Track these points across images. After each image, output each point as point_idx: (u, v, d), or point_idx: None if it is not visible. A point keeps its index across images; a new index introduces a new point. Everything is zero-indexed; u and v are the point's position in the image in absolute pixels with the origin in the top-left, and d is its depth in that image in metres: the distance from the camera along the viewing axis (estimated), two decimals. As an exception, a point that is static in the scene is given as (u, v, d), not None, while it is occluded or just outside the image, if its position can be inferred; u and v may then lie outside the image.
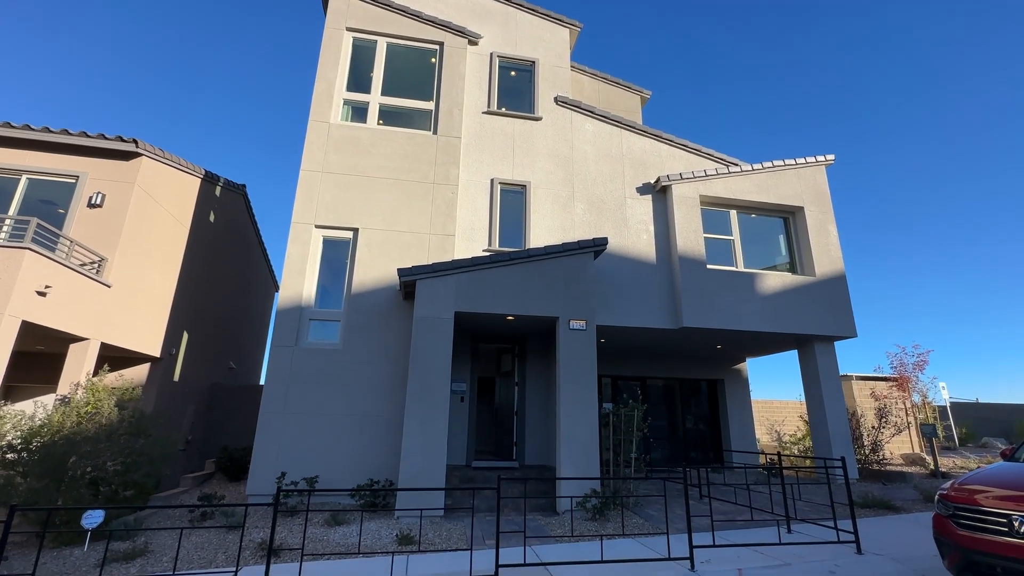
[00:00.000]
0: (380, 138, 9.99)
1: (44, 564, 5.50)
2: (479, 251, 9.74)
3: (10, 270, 6.66)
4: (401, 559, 5.22)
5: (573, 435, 7.86)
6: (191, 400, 11.56)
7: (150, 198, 9.52)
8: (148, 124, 73.89)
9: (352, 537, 6.34)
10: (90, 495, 6.56)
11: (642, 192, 10.95)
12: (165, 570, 5.28)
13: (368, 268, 9.11)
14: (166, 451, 7.52)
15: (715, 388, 13.25)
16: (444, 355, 7.91)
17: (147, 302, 9.69)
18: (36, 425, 6.60)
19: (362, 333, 8.79)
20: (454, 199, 9.86)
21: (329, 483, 7.85)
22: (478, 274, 8.37)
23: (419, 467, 7.36)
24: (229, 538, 6.24)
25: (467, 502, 7.83)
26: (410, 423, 7.54)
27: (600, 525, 6.82)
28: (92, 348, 8.22)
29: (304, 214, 9.17)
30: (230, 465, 10.05)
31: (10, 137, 8.70)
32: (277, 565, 5.01)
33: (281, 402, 8.20)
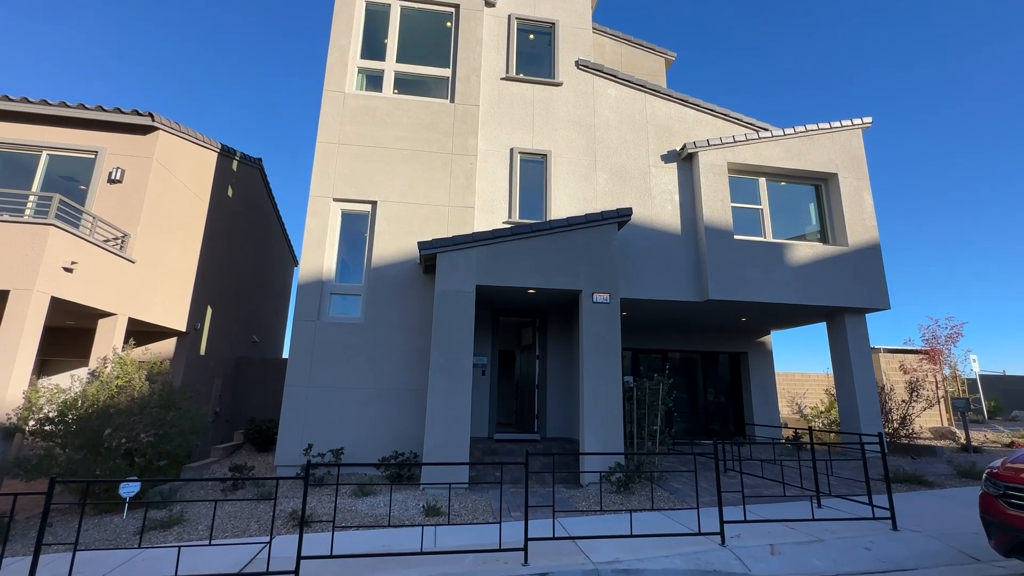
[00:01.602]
0: (396, 107, 9.71)
1: (87, 531, 5.70)
2: (499, 223, 9.54)
3: (36, 247, 6.70)
4: (429, 530, 5.25)
5: (596, 409, 7.79)
6: (217, 373, 11.79)
7: (169, 173, 9.47)
8: (169, 97, 73.91)
9: (379, 508, 6.43)
10: (126, 466, 6.75)
11: (667, 160, 10.54)
12: (201, 538, 5.41)
13: (388, 241, 9.00)
14: (196, 423, 7.67)
15: (738, 361, 13.05)
16: (466, 329, 7.83)
17: (170, 277, 9.76)
18: (71, 398, 6.76)
19: (383, 307, 8.75)
20: (473, 170, 9.61)
21: (354, 455, 7.96)
22: (499, 247, 8.20)
23: (443, 439, 7.39)
24: (260, 507, 6.38)
25: (490, 474, 7.89)
26: (433, 396, 7.54)
27: (625, 498, 6.80)
28: (120, 323, 8.34)
29: (322, 187, 9.03)
30: (258, 436, 10.27)
31: (29, 112, 8.66)
32: (308, 535, 5.08)
33: (305, 376, 8.26)
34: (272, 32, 74.26)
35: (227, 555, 4.66)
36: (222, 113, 74.74)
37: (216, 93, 77.50)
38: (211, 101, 75.82)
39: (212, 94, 76.77)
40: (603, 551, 4.80)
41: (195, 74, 74.00)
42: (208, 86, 76.68)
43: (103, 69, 67.96)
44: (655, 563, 4.57)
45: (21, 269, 6.60)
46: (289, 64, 76.07)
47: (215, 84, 76.92)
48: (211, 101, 75.82)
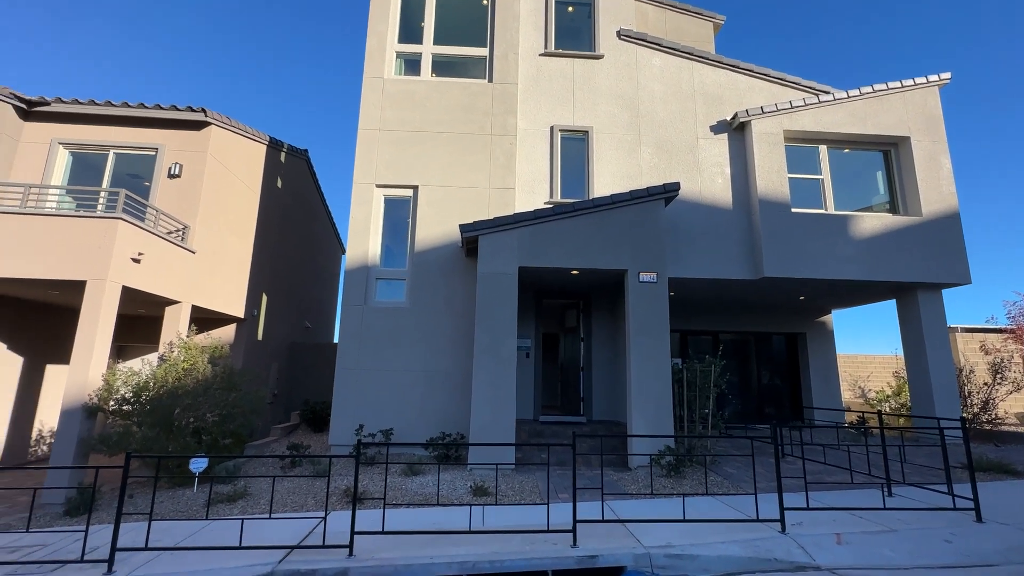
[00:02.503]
0: (434, 90, 9.65)
1: (162, 503, 6.13)
2: (540, 203, 9.37)
3: (107, 239, 7.16)
4: (477, 510, 5.29)
5: (644, 391, 7.59)
6: (274, 357, 12.36)
7: (222, 166, 9.87)
8: (217, 94, 77.49)
9: (428, 487, 6.55)
10: (194, 443, 7.20)
11: (716, 131, 9.98)
12: (263, 512, 5.69)
13: (430, 225, 9.04)
14: (255, 404, 8.07)
15: (795, 342, 12.37)
16: (509, 311, 7.78)
17: (228, 266, 10.24)
18: (143, 380, 7.24)
19: (427, 291, 8.83)
20: (513, 150, 9.45)
21: (403, 435, 8.14)
22: (541, 227, 8.05)
23: (488, 421, 7.43)
24: (317, 484, 6.64)
25: (536, 456, 7.87)
26: (478, 378, 7.57)
27: (676, 482, 6.61)
28: (184, 310, 8.84)
29: (365, 174, 9.15)
30: (313, 417, 10.73)
31: (97, 114, 9.20)
32: (361, 511, 5.23)
33: (354, 359, 8.49)
34: (314, 24, 75.95)
35: (287, 528, 4.87)
36: (267, 107, 77.55)
37: (260, 87, 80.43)
38: (256, 95, 78.77)
39: (256, 88, 79.69)
40: (654, 535, 4.67)
41: (240, 69, 76.99)
42: (253, 81, 79.63)
43: (153, 68, 71.80)
44: (710, 549, 4.40)
45: (95, 260, 7.07)
46: (333, 57, 77.73)
47: (260, 79, 79.76)
48: (256, 95, 78.77)
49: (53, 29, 59.91)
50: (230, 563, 4.19)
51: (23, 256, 6.98)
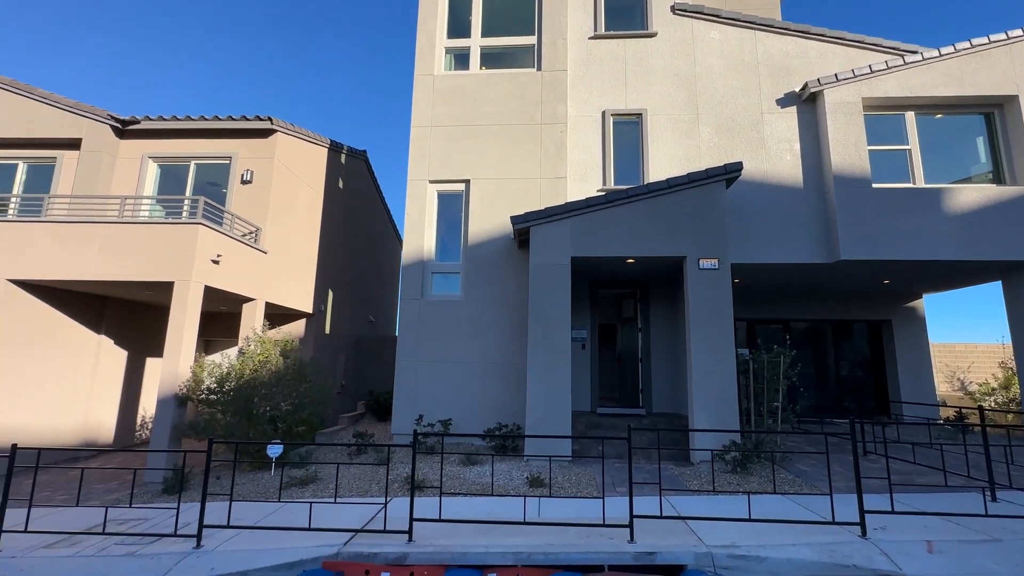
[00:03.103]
0: (483, 83, 9.66)
1: (244, 485, 6.64)
2: (593, 191, 9.15)
3: (190, 243, 7.81)
4: (532, 501, 5.30)
5: (707, 383, 7.25)
6: (341, 350, 13.03)
7: (288, 170, 10.46)
8: (282, 102, 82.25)
9: (485, 477, 6.65)
10: (271, 430, 7.74)
11: (784, 104, 9.27)
12: (331, 495, 6.02)
13: (482, 219, 9.10)
14: (324, 394, 8.55)
15: (878, 330, 11.34)
16: (562, 302, 7.69)
17: (296, 265, 10.88)
18: (224, 372, 7.87)
19: (481, 284, 8.92)
20: (563, 139, 9.28)
21: (460, 425, 8.31)
22: (593, 216, 7.87)
23: (544, 412, 7.41)
24: (380, 471, 6.94)
25: (594, 448, 7.77)
26: (533, 370, 7.56)
27: (742, 479, 6.28)
28: (259, 307, 9.49)
29: (418, 170, 9.35)
30: (377, 407, 11.22)
31: (179, 128, 10.05)
32: (421, 498, 5.40)
33: (413, 351, 8.75)
34: (368, 29, 78.54)
35: (351, 512, 5.12)
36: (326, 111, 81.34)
37: (325, 95, 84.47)
38: (316, 101, 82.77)
39: (320, 95, 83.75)
40: (717, 534, 4.46)
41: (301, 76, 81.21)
42: (315, 88, 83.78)
43: (221, 80, 77.21)
44: (779, 551, 4.13)
45: (180, 263, 7.75)
46: (386, 60, 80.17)
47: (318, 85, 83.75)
48: (316, 101, 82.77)
49: (137, 47, 65.96)
50: (301, 543, 4.46)
51: (122, 260, 7.77)
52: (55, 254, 7.78)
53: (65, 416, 8.63)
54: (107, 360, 9.50)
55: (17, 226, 7.95)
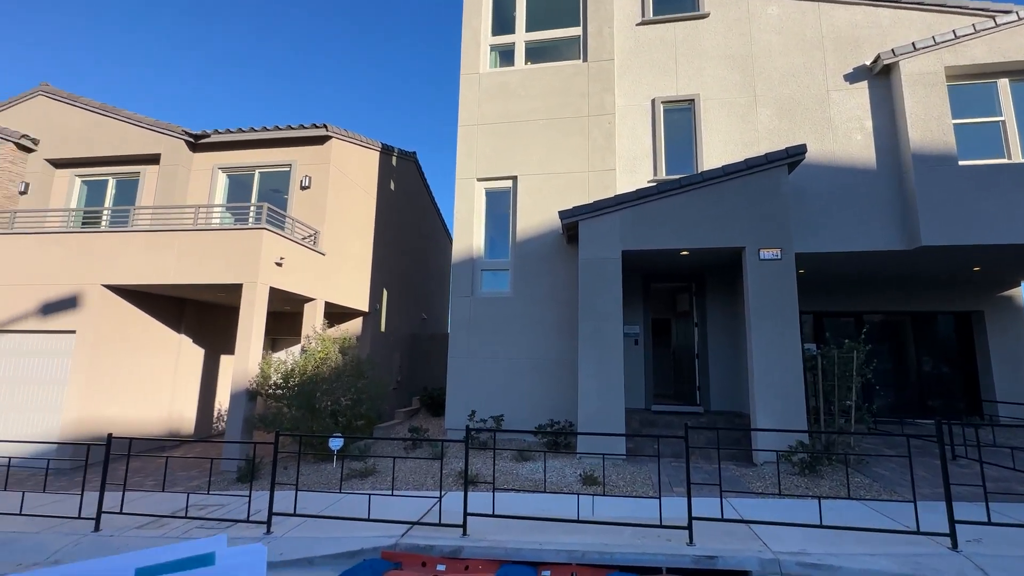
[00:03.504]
0: (528, 78, 9.61)
1: (309, 475, 6.99)
2: (643, 183, 8.88)
3: (255, 246, 8.29)
4: (586, 499, 5.22)
5: (769, 380, 6.87)
6: (396, 347, 13.44)
7: (343, 174, 10.88)
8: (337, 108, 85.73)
9: (538, 473, 6.64)
10: (332, 423, 8.09)
11: (853, 80, 8.59)
12: (389, 488, 6.22)
13: (530, 215, 9.07)
14: (380, 390, 8.84)
15: (967, 322, 10.31)
16: (613, 297, 7.53)
17: (352, 265, 11.31)
18: (288, 368, 8.30)
19: (530, 280, 8.90)
20: (611, 130, 9.07)
21: (512, 421, 8.34)
22: (644, 207, 7.64)
23: (596, 410, 7.29)
24: (434, 466, 7.08)
25: (648, 446, 7.57)
26: (584, 366, 7.46)
27: (811, 482, 5.91)
28: (319, 306, 9.95)
29: (466, 169, 9.45)
30: (431, 402, 11.49)
31: (245, 140, 10.68)
32: (473, 493, 5.47)
33: (464, 348, 8.87)
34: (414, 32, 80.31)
35: (407, 505, 5.26)
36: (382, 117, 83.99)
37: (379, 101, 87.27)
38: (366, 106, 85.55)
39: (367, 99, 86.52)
40: (784, 540, 4.22)
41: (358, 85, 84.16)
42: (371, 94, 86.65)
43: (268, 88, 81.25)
44: (855, 561, 3.85)
45: (247, 266, 8.24)
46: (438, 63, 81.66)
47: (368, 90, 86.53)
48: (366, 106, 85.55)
49: (201, 68, 70.75)
50: (361, 532, 4.63)
51: (197, 265, 8.37)
52: (141, 261, 8.50)
53: (152, 408, 9.43)
54: (186, 357, 10.29)
55: (109, 236, 8.75)
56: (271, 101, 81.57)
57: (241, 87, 79.03)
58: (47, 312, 8.47)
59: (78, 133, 10.82)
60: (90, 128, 10.80)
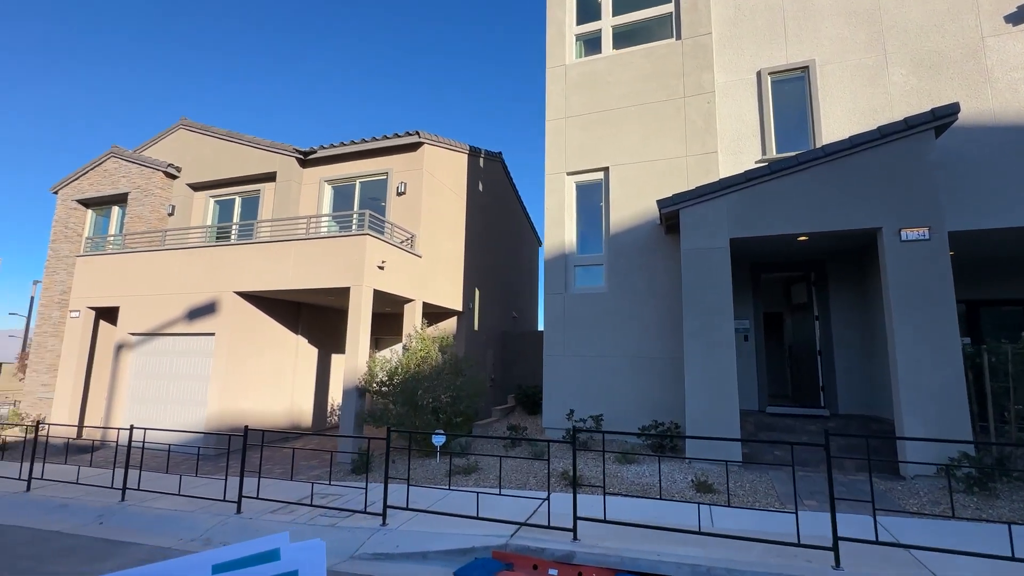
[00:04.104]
0: (616, 64, 9.21)
1: (414, 469, 7.23)
2: (750, 164, 8.13)
3: (360, 251, 8.79)
4: (701, 508, 4.81)
5: (920, 382, 5.91)
6: (489, 345, 13.64)
7: (434, 179, 11.22)
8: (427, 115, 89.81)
9: (644, 477, 6.30)
10: (433, 420, 8.34)
11: (1016, 20, 7.17)
12: (491, 485, 6.24)
13: (623, 206, 8.69)
14: (478, 388, 8.96)
15: None
16: (722, 289, 6.94)
17: (446, 266, 11.63)
18: (392, 366, 8.69)
19: (626, 274, 8.52)
20: (711, 110, 8.40)
21: (612, 421, 8.03)
22: (755, 190, 6.95)
23: (705, 411, 6.77)
24: (535, 465, 7.01)
25: (767, 452, 6.89)
26: (691, 364, 6.96)
27: (982, 502, 4.97)
28: (418, 307, 10.34)
29: (555, 164, 9.29)
30: (526, 400, 11.48)
31: (347, 152, 11.42)
32: (580, 495, 5.29)
33: (560, 346, 8.72)
34: (496, 34, 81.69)
35: (513, 505, 5.20)
36: (462, 118, 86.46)
37: (469, 105, 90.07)
38: (455, 110, 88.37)
39: (462, 104, 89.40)
40: (959, 571, 3.54)
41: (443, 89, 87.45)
42: (458, 97, 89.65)
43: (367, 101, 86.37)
44: (1066, 605, 3.11)
45: (354, 270, 8.76)
46: (517, 60, 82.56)
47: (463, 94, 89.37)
48: (455, 110, 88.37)
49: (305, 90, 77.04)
50: (471, 530, 4.65)
51: (309, 271, 9.06)
52: (263, 269, 9.39)
53: (277, 402, 10.39)
54: (303, 356, 11.22)
55: (237, 249, 9.77)
56: (367, 112, 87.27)
57: (333, 102, 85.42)
58: (192, 317, 9.65)
59: (210, 159, 12.25)
60: (219, 154, 12.17)
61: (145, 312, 10.12)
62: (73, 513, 5.90)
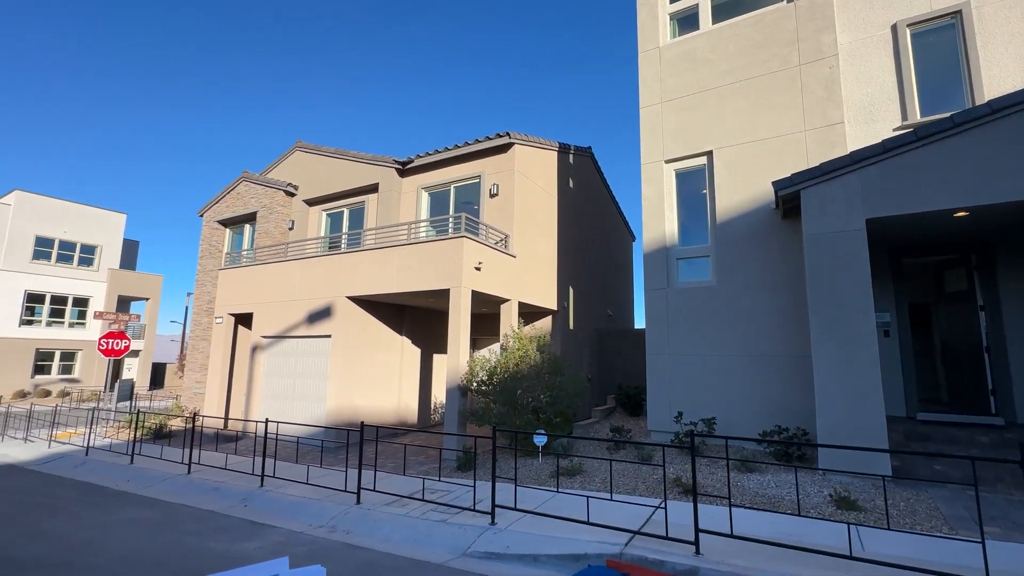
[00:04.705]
0: (717, 39, 8.51)
1: (517, 469, 7.23)
2: (887, 132, 7.07)
3: (457, 253, 9.02)
4: (841, 527, 4.19)
5: None
6: (584, 344, 13.36)
7: (525, 178, 11.22)
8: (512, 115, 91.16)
9: (769, 488, 5.70)
10: (533, 419, 8.29)
11: None
12: (597, 488, 6.01)
13: (731, 192, 7.99)
14: (578, 387, 8.76)
15: None
16: (857, 278, 6.07)
17: (540, 265, 11.57)
18: (492, 366, 8.79)
19: (736, 265, 7.83)
20: (834, 76, 7.44)
21: (726, 426, 7.41)
22: (897, 161, 5.99)
23: (842, 416, 5.96)
24: (643, 469, 6.66)
25: (923, 466, 5.90)
26: (820, 364, 6.17)
27: None
28: (514, 307, 10.39)
29: (651, 152, 8.81)
30: (627, 401, 11.05)
31: (441, 159, 11.83)
32: (699, 505, 4.89)
33: (664, 344, 8.24)
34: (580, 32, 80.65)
35: (623, 511, 4.94)
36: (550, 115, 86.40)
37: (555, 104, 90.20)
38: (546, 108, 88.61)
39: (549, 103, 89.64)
40: None
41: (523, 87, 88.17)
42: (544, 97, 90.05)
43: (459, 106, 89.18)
44: None
45: (452, 272, 9.01)
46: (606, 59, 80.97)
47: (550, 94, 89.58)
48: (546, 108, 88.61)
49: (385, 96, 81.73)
50: (582, 535, 4.48)
51: (411, 274, 9.47)
52: (370, 274, 10.00)
53: (386, 400, 11.02)
54: (408, 356, 11.80)
55: (347, 256, 10.52)
56: (458, 117, 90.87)
57: (422, 109, 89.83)
58: (312, 321, 10.56)
59: (322, 176, 13.36)
60: (329, 170, 13.24)
61: (273, 317, 11.27)
62: (224, 496, 6.67)
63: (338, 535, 5.22)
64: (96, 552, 4.85)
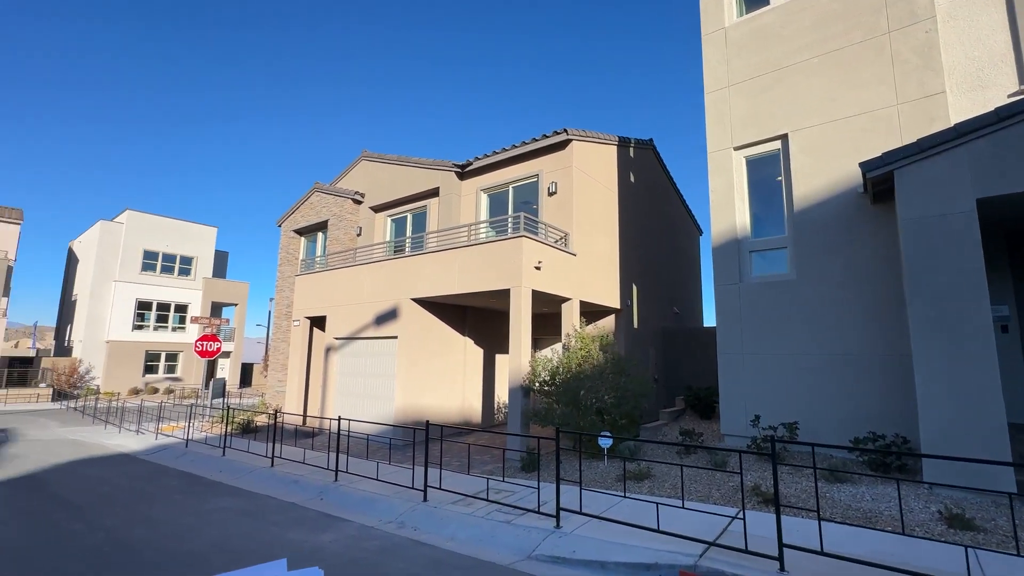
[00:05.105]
0: (789, 12, 7.88)
1: (578, 472, 7.07)
2: (1001, 100, 6.19)
3: (517, 253, 8.99)
4: (954, 550, 3.68)
5: None
6: (649, 343, 12.89)
7: (584, 175, 11.00)
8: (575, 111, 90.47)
9: (863, 501, 5.17)
10: (598, 421, 8.08)
11: None
12: (667, 495, 5.73)
13: (810, 177, 7.36)
14: (644, 388, 8.45)
15: None
16: (968, 266, 5.35)
17: (601, 263, 11.30)
18: (554, 366, 8.67)
19: (817, 256, 7.19)
20: (931, 40, 6.63)
21: (808, 431, 6.81)
22: (1015, 131, 5.22)
23: (951, 423, 5.27)
24: (717, 476, 6.28)
25: (1057, 482, 5.08)
26: (922, 364, 5.50)
27: None
28: (575, 306, 10.21)
29: (719, 140, 8.32)
30: (697, 403, 10.51)
31: (498, 160, 11.89)
32: (772, 515, 4.52)
33: (737, 343, 7.74)
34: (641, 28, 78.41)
35: (695, 520, 4.66)
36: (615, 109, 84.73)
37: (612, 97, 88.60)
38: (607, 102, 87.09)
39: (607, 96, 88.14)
40: None
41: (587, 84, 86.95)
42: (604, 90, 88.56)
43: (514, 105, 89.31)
44: None
45: (512, 272, 9.00)
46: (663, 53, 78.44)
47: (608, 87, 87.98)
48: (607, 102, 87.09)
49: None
50: (651, 544, 4.27)
51: (472, 275, 9.57)
52: (433, 276, 10.23)
53: (450, 399, 11.23)
54: (471, 356, 11.95)
55: (411, 260, 10.84)
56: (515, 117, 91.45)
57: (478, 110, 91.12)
58: (379, 322, 10.97)
59: (386, 183, 13.87)
60: (393, 177, 13.72)
61: (344, 319, 11.84)
62: (302, 488, 7.06)
63: (406, 531, 5.34)
64: (192, 538, 5.28)
